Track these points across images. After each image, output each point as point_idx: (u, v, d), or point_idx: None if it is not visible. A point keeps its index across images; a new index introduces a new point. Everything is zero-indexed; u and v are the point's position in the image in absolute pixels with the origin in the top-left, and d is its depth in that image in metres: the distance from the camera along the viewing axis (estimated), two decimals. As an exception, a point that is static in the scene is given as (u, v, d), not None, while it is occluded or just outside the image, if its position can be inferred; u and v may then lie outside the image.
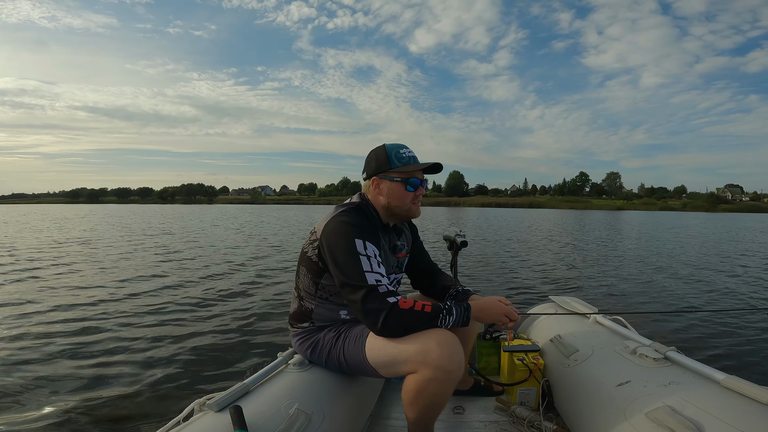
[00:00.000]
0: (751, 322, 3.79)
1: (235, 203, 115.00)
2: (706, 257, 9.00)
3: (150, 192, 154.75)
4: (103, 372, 2.58)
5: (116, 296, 4.56)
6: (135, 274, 6.02)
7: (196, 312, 3.94)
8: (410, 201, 1.34)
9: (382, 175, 1.32)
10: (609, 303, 4.69)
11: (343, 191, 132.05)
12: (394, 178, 1.31)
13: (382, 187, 1.33)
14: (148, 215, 29.95)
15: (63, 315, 3.79)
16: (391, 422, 1.62)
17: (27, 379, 2.45)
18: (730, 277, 6.42)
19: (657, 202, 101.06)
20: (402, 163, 1.31)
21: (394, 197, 1.32)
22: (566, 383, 1.53)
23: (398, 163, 1.31)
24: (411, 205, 1.35)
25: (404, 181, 1.31)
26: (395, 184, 1.31)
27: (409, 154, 1.33)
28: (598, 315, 1.82)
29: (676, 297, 5.01)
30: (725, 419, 0.95)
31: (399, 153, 1.32)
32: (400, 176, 1.31)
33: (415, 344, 1.11)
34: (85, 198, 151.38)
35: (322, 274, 1.29)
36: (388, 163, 1.31)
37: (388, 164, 1.31)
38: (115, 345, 3.03)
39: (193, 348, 2.99)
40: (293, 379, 1.25)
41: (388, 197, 1.33)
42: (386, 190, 1.33)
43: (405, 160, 1.31)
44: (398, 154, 1.31)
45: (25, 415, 2.07)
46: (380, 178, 1.33)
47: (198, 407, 1.04)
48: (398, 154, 1.31)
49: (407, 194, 1.33)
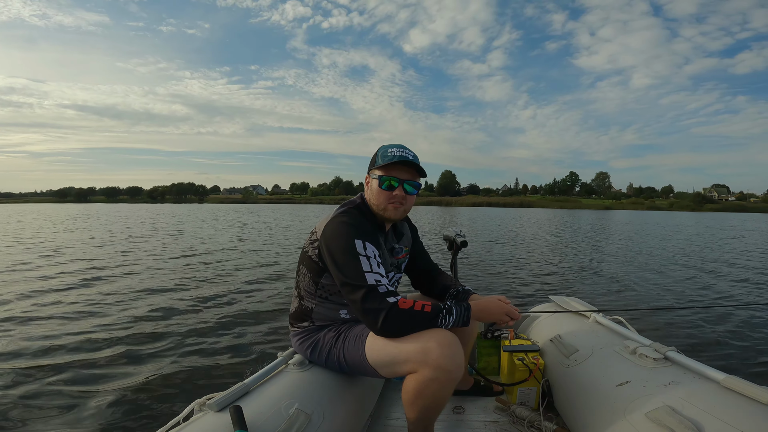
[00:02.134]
0: (750, 321, 3.79)
1: (227, 203, 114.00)
2: (704, 256, 9.01)
3: (139, 191, 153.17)
4: (103, 372, 2.58)
5: (116, 296, 4.56)
6: (134, 274, 6.02)
7: (196, 312, 3.94)
8: (386, 200, 1.29)
9: (370, 172, 1.33)
10: (609, 302, 4.69)
11: (335, 191, 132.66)
12: (374, 175, 1.31)
13: (370, 184, 1.34)
14: (143, 214, 29.92)
15: (62, 314, 3.79)
16: (391, 422, 1.62)
17: (27, 379, 2.45)
18: (730, 276, 6.42)
19: (644, 202, 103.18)
20: (384, 162, 1.27)
21: (373, 195, 1.31)
22: (566, 383, 1.53)
23: (381, 161, 1.28)
24: (387, 205, 1.29)
25: (378, 179, 1.29)
26: (374, 181, 1.31)
27: (396, 153, 1.26)
28: (598, 315, 1.82)
29: (676, 296, 5.01)
30: (725, 419, 0.95)
31: (386, 151, 1.28)
32: (378, 173, 1.29)
33: (415, 344, 1.11)
34: (73, 197, 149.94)
35: (322, 274, 1.29)
36: (374, 161, 1.32)
37: (374, 162, 1.32)
38: (115, 345, 3.03)
39: (193, 348, 2.99)
40: (293, 379, 1.25)
41: (370, 195, 1.33)
42: (371, 187, 1.33)
43: (388, 158, 1.26)
44: (384, 153, 1.29)
45: (25, 414, 2.07)
46: (369, 176, 1.34)
47: (198, 407, 1.04)
48: (384, 153, 1.29)
49: (382, 192, 1.29)
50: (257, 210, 43.68)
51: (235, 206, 70.12)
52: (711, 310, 4.20)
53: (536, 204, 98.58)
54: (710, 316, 3.92)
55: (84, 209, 48.77)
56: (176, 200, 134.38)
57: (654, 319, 3.79)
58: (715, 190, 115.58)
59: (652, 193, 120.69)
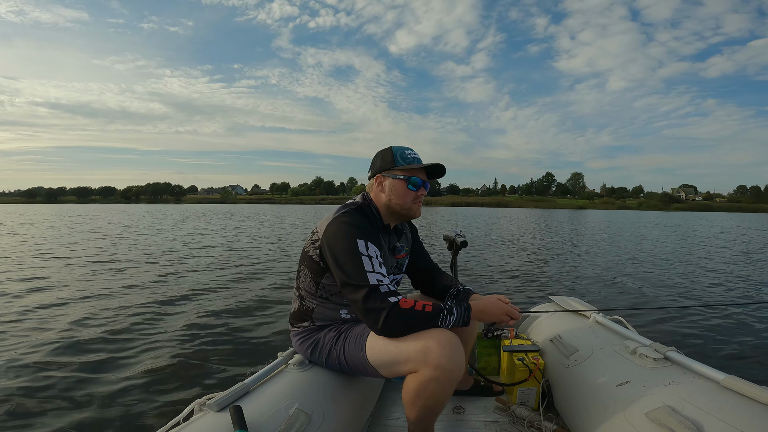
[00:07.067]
0: (751, 320, 3.79)
1: (204, 203, 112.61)
2: (704, 256, 9.01)
3: (113, 191, 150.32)
4: (103, 372, 2.58)
5: (115, 296, 4.56)
6: (132, 273, 6.02)
7: (196, 312, 3.94)
8: (411, 200, 1.35)
9: (385, 173, 1.35)
10: (609, 302, 4.69)
11: (316, 191, 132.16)
12: (397, 176, 1.34)
13: (384, 184, 1.35)
14: (128, 215, 29.86)
15: (60, 312, 3.79)
16: (391, 422, 1.62)
17: (26, 379, 2.45)
18: (730, 275, 6.43)
19: (615, 202, 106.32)
20: (406, 162, 1.33)
21: (396, 195, 1.34)
22: (566, 383, 1.53)
23: (402, 162, 1.33)
24: (412, 204, 1.36)
25: (407, 179, 1.33)
26: (397, 181, 1.33)
27: (414, 156, 1.35)
28: (598, 315, 1.82)
29: (676, 295, 5.01)
30: (725, 419, 0.95)
31: (404, 153, 1.35)
32: (403, 174, 1.33)
33: (415, 344, 1.11)
34: (43, 198, 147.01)
35: (323, 274, 1.29)
36: (392, 161, 1.34)
37: (392, 162, 1.33)
38: (115, 344, 3.03)
39: (193, 348, 2.99)
40: (293, 379, 1.25)
41: (390, 195, 1.34)
42: (388, 187, 1.34)
43: (409, 160, 1.34)
44: (403, 154, 1.35)
45: (25, 415, 2.07)
46: (384, 176, 1.35)
47: (198, 407, 1.04)
48: (403, 154, 1.35)
49: (409, 193, 1.34)
50: (238, 210, 43.41)
51: (213, 206, 69.19)
52: (711, 309, 4.20)
53: (513, 204, 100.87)
54: (710, 316, 3.92)
55: (67, 210, 48.21)
56: (151, 200, 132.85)
57: (654, 319, 3.79)
58: (683, 190, 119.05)
59: (624, 193, 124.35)
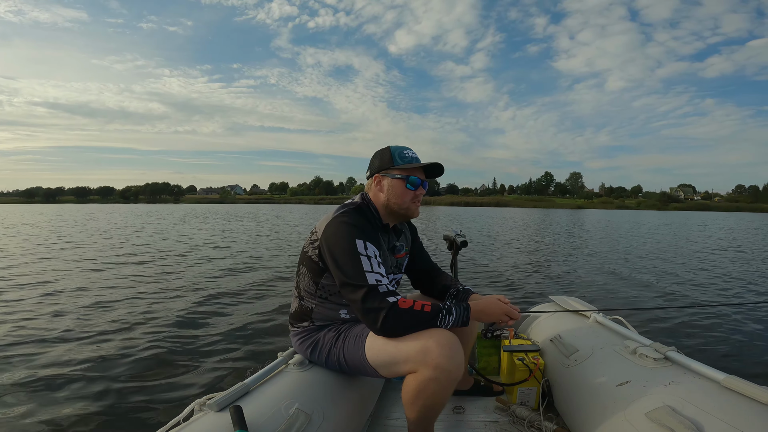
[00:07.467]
0: (751, 320, 3.79)
1: (203, 203, 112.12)
2: (703, 255, 9.00)
3: (111, 191, 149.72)
4: (103, 371, 2.57)
5: (114, 296, 4.56)
6: (132, 272, 6.03)
7: (196, 312, 3.94)
8: (410, 199, 1.35)
9: (384, 173, 1.35)
10: (609, 302, 4.69)
11: (315, 190, 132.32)
12: (396, 176, 1.34)
13: (383, 184, 1.35)
14: (131, 215, 29.89)
15: (62, 313, 3.79)
16: (391, 422, 1.62)
17: (26, 379, 2.45)
18: (730, 275, 6.42)
19: (614, 201, 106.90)
20: (404, 162, 1.34)
21: (394, 194, 1.34)
22: (566, 383, 1.53)
23: (401, 161, 1.34)
24: (410, 204, 1.36)
25: (405, 178, 1.33)
26: (396, 181, 1.34)
27: (412, 155, 1.36)
28: (598, 314, 1.82)
29: (676, 295, 5.00)
30: (725, 419, 0.95)
31: (402, 152, 1.35)
32: (401, 173, 1.34)
33: (415, 344, 1.11)
34: (41, 198, 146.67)
35: (322, 274, 1.29)
36: (391, 161, 1.34)
37: (390, 162, 1.34)
38: (115, 344, 3.03)
39: (193, 348, 2.99)
40: (293, 379, 1.25)
41: (389, 194, 1.35)
42: (387, 187, 1.35)
43: (408, 159, 1.34)
44: (402, 154, 1.35)
45: (24, 415, 2.06)
46: (382, 176, 1.35)
47: (198, 407, 1.04)
48: (402, 154, 1.35)
49: (407, 192, 1.34)
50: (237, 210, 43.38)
51: (212, 206, 68.92)
52: (711, 309, 4.20)
53: (512, 203, 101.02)
54: (710, 316, 3.92)
55: (70, 210, 48.40)
56: (150, 200, 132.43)
57: (654, 319, 3.78)
58: (681, 190, 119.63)
59: (623, 193, 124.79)
